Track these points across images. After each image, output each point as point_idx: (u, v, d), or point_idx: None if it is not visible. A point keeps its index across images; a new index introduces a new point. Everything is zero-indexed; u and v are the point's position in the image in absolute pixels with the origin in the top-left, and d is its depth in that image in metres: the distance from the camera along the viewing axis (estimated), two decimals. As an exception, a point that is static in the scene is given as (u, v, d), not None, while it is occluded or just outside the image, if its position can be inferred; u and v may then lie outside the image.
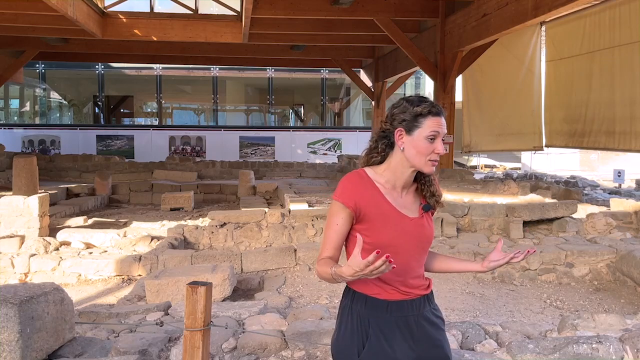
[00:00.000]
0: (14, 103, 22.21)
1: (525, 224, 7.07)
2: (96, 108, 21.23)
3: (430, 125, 1.79)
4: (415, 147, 1.79)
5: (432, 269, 2.05)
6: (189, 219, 9.18)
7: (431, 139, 1.79)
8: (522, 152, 19.55)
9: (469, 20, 8.83)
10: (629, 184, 13.67)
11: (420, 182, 1.91)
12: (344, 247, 1.89)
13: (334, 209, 1.82)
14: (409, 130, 1.80)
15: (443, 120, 1.82)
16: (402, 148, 1.81)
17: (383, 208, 1.81)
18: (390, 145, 1.85)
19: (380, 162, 1.88)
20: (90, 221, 8.62)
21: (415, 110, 1.80)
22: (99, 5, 11.47)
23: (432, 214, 1.94)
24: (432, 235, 1.93)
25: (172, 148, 19.41)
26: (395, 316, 1.81)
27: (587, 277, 5.86)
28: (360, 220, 1.80)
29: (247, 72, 20.83)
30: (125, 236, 7.41)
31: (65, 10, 9.13)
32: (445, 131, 1.83)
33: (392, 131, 1.83)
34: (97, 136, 19.29)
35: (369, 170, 1.87)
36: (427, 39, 10.77)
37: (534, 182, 11.06)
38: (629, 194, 11.07)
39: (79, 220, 8.54)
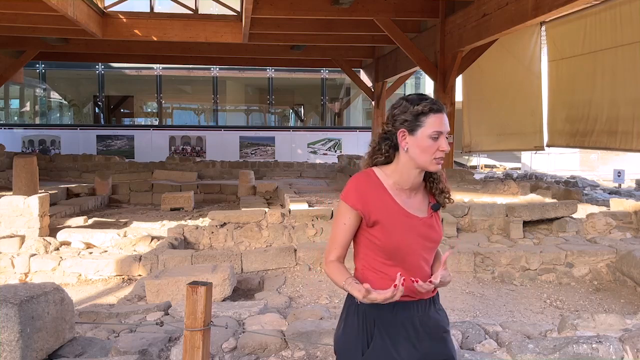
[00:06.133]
0: (14, 103, 22.21)
1: (525, 223, 7.07)
2: (96, 108, 21.24)
3: (432, 123, 1.76)
4: (419, 147, 1.76)
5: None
6: (189, 219, 9.18)
7: (435, 138, 1.76)
8: (522, 152, 19.54)
9: (469, 21, 8.82)
10: (629, 184, 13.66)
11: (429, 180, 1.89)
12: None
13: (341, 209, 1.84)
14: (412, 131, 1.77)
15: (445, 117, 1.79)
16: (405, 149, 1.78)
17: (391, 209, 1.81)
18: (394, 147, 1.82)
19: (385, 163, 1.86)
20: (90, 221, 8.62)
21: (416, 110, 1.77)
22: (99, 5, 11.47)
23: (439, 213, 1.92)
24: (440, 235, 1.91)
25: (172, 148, 19.41)
26: (401, 317, 1.81)
27: (587, 277, 5.86)
28: (371, 224, 1.81)
29: (247, 72, 20.83)
30: (125, 236, 7.41)
31: (65, 10, 9.13)
32: (448, 128, 1.79)
33: (395, 133, 1.81)
34: (97, 136, 19.29)
35: (377, 171, 1.85)
36: (427, 39, 10.76)
37: (534, 182, 11.06)
38: (629, 194, 11.07)
39: (79, 220, 8.53)
